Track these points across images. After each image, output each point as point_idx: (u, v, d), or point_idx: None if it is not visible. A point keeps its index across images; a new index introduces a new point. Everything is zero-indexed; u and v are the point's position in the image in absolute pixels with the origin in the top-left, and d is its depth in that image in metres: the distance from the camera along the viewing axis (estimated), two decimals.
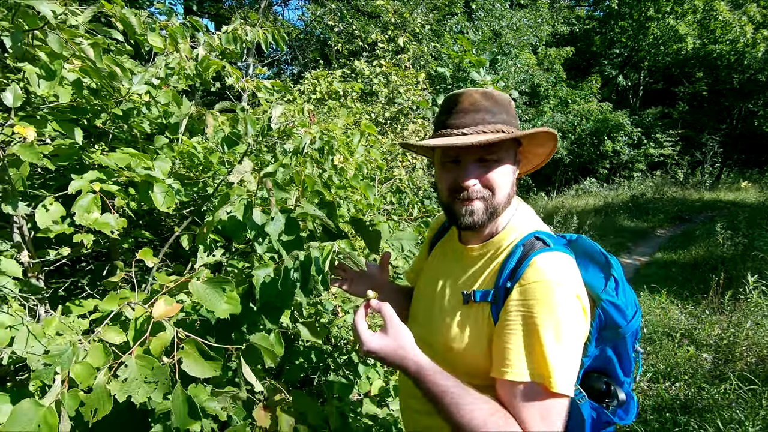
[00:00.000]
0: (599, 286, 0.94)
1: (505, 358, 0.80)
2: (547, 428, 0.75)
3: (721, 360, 3.53)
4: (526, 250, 0.87)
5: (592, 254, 1.01)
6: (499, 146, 0.90)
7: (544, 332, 0.77)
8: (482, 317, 0.87)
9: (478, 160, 0.90)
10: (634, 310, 0.94)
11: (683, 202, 11.81)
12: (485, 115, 0.88)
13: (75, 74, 1.10)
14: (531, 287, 0.80)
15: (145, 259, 1.06)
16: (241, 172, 0.99)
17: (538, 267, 0.82)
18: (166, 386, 0.78)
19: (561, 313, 0.78)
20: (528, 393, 0.77)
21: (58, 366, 0.86)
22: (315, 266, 0.92)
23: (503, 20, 11.07)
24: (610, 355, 0.96)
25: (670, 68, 17.86)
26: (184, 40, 1.48)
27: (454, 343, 0.91)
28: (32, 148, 0.92)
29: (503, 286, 0.85)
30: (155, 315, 0.82)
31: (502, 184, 0.91)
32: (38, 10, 0.79)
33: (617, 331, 0.92)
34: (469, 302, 0.90)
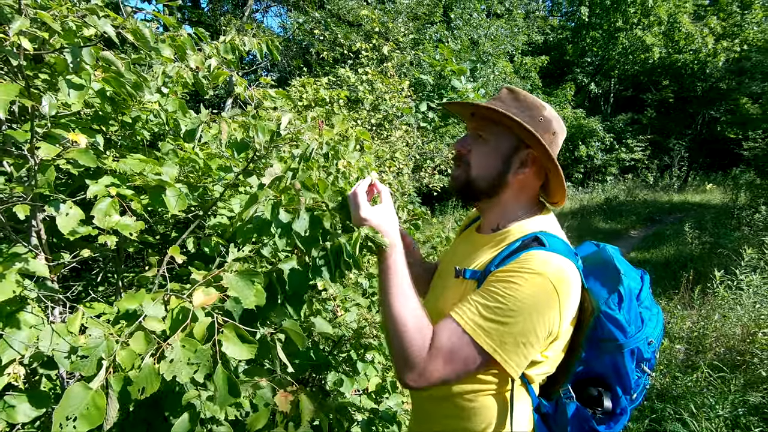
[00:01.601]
0: (602, 297, 0.97)
1: (461, 303, 0.91)
2: (446, 352, 0.85)
3: (692, 351, 3.76)
4: (522, 246, 0.93)
5: (607, 265, 1.05)
6: (489, 126, 0.99)
7: (498, 304, 0.85)
8: (468, 292, 0.95)
9: (475, 134, 1.02)
10: (638, 328, 0.96)
11: (654, 204, 12.34)
12: (499, 102, 0.99)
13: (99, 84, 1.17)
14: (510, 269, 0.88)
15: (175, 256, 1.13)
16: (273, 174, 1.08)
17: (525, 259, 0.88)
18: (208, 367, 0.85)
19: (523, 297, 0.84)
20: (455, 329, 0.87)
21: (100, 354, 0.93)
22: (345, 251, 1.00)
23: (481, 29, 11.41)
24: (608, 368, 0.99)
25: (639, 76, 18.69)
26: (194, 51, 1.55)
27: (442, 308, 0.99)
28: (87, 152, 0.98)
29: (489, 269, 0.93)
30: (196, 303, 0.89)
31: (478, 162, 1.00)
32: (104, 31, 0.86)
33: (614, 345, 0.95)
34: (459, 277, 0.99)
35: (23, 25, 0.76)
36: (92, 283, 1.84)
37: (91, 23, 0.87)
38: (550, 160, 0.97)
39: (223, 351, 0.86)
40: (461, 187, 1.04)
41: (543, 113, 0.99)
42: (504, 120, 0.96)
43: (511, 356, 0.86)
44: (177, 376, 0.84)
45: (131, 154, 1.61)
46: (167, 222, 2.20)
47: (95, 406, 0.86)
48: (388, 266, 0.93)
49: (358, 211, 0.96)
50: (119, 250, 1.78)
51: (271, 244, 1.63)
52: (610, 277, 1.02)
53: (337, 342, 2.04)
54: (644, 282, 1.07)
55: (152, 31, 1.49)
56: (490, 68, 10.10)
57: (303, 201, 1.00)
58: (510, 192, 1.03)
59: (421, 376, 0.85)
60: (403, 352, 0.87)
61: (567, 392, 0.99)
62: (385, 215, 0.98)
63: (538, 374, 0.99)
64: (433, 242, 3.27)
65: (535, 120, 0.97)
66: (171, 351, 0.83)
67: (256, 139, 1.44)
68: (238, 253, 1.17)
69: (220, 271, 0.96)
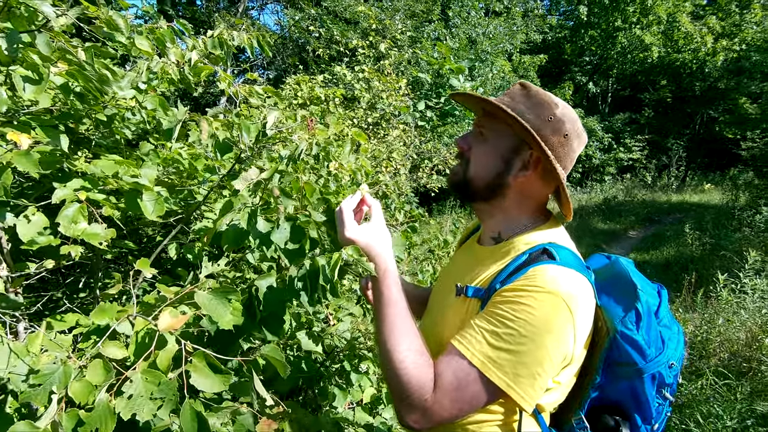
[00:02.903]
0: (617, 316, 0.88)
1: (464, 330, 0.81)
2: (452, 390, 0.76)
3: (696, 356, 3.67)
4: (529, 260, 0.85)
5: (622, 280, 0.96)
6: (492, 123, 0.92)
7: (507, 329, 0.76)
8: (472, 312, 0.87)
9: (477, 131, 0.95)
10: (659, 351, 0.86)
11: (652, 204, 12.27)
12: (507, 98, 0.91)
13: (62, 78, 1.05)
14: (518, 287, 0.79)
15: (143, 270, 1.01)
16: (248, 180, 0.96)
17: (533, 275, 0.80)
18: (174, 402, 0.75)
19: (535, 320, 0.75)
20: (462, 364, 0.77)
21: (52, 385, 0.82)
22: (322, 275, 0.90)
23: (479, 28, 11.30)
24: (625, 394, 0.89)
25: (637, 76, 18.63)
26: (174, 44, 1.44)
27: (442, 329, 0.91)
28: (28, 155, 0.87)
29: (494, 286, 0.84)
30: (161, 327, 0.78)
31: (477, 160, 0.93)
32: (40, 11, 0.74)
33: (633, 369, 0.86)
34: (461, 295, 0.90)
35: None
36: (71, 291, 1.73)
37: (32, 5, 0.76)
38: (549, 163, 0.87)
39: (191, 383, 0.75)
40: (458, 184, 0.97)
41: (554, 112, 0.88)
42: (507, 118, 0.88)
43: (526, 390, 0.76)
44: (137, 413, 0.73)
45: (106, 154, 1.49)
46: (155, 225, 2.09)
47: None
48: (381, 294, 0.83)
49: (344, 230, 0.85)
50: (97, 257, 1.66)
51: (258, 251, 1.52)
52: (626, 292, 0.93)
53: (329, 353, 1.93)
54: (662, 297, 0.97)
55: (127, 22, 1.37)
56: (488, 67, 9.99)
57: (282, 209, 0.89)
58: (511, 197, 0.94)
59: (424, 417, 0.76)
60: (402, 393, 0.77)
61: (580, 422, 0.90)
62: (374, 235, 0.87)
63: (549, 402, 0.88)
64: (430, 245, 3.16)
65: (541, 119, 0.88)
66: (130, 385, 0.72)
67: (240, 138, 1.33)
68: (212, 267, 1.05)
69: (192, 289, 0.85)
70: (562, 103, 0.91)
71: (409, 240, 3.07)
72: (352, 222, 0.86)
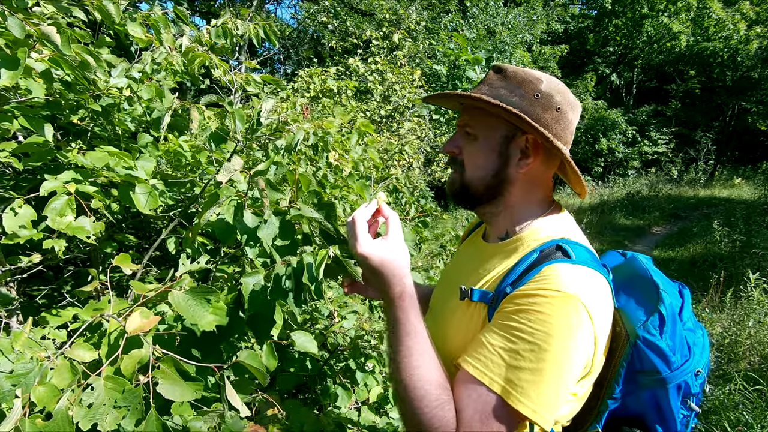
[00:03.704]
0: (638, 319, 0.80)
1: (476, 351, 0.72)
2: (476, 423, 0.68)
3: (723, 359, 3.48)
4: (541, 258, 0.76)
5: (641, 280, 0.88)
6: (476, 117, 0.83)
7: (526, 344, 0.68)
8: (478, 318, 0.79)
9: (463, 132, 0.86)
10: (686, 358, 0.79)
11: (678, 199, 11.82)
12: (485, 87, 0.83)
13: (44, 64, 1.01)
14: (531, 294, 0.71)
15: (122, 266, 0.96)
16: (231, 171, 0.89)
17: (547, 277, 0.72)
18: (139, 411, 0.69)
19: (558, 330, 0.68)
20: (481, 392, 0.69)
21: (19, 388, 0.77)
22: (308, 273, 0.83)
23: (498, 18, 11.02)
24: (647, 406, 0.82)
25: (664, 66, 17.92)
26: (167, 30, 1.38)
27: (445, 336, 0.84)
28: None
29: (503, 290, 0.76)
30: (129, 329, 0.72)
31: (471, 162, 0.84)
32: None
33: (656, 379, 0.78)
34: (465, 299, 0.82)
35: None
36: (73, 286, 1.70)
37: None
38: (549, 143, 0.78)
39: (158, 391, 0.69)
40: (457, 192, 0.87)
41: (539, 87, 0.80)
42: (490, 108, 0.79)
43: (549, 410, 0.68)
44: (99, 423, 0.67)
45: (101, 146, 1.45)
46: (162, 219, 2.06)
47: None
48: (397, 321, 0.74)
49: (356, 243, 0.75)
50: (95, 251, 1.64)
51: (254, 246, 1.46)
52: (647, 294, 0.84)
53: (332, 351, 1.87)
54: (684, 298, 0.89)
55: (119, 8, 1.32)
56: (507, 58, 9.74)
57: (267, 203, 0.82)
58: (518, 190, 0.85)
59: None
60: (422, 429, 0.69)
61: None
62: (390, 252, 0.76)
63: (563, 415, 0.79)
64: (442, 240, 3.07)
65: (528, 98, 0.80)
66: (90, 393, 0.66)
67: (233, 128, 1.27)
68: (191, 265, 1.00)
69: (167, 288, 0.79)
70: (546, 75, 0.82)
71: (420, 235, 2.98)
72: (365, 235, 0.76)
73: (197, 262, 1.08)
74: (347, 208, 2.04)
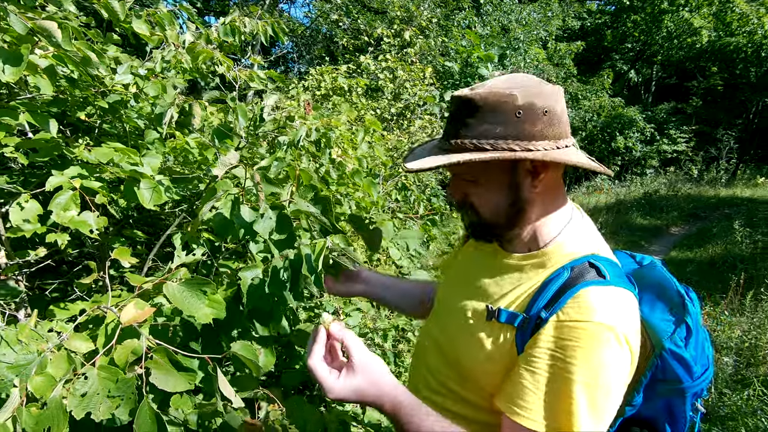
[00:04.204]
0: (665, 331, 0.79)
1: (521, 398, 0.68)
2: None
3: (742, 363, 3.37)
4: (574, 277, 0.72)
5: (665, 289, 0.86)
6: (471, 165, 0.75)
7: (578, 387, 0.65)
8: (504, 341, 0.76)
9: (462, 179, 0.81)
10: (705, 367, 0.80)
11: (698, 198, 11.52)
12: (462, 128, 0.75)
13: (48, 61, 1.02)
14: (572, 327, 0.67)
15: (120, 259, 0.97)
16: (226, 164, 0.90)
17: (586, 304, 0.68)
18: (133, 401, 0.69)
19: (602, 364, 0.65)
20: None
21: (18, 378, 0.78)
22: (307, 265, 0.82)
23: (512, 15, 10.88)
24: (660, 410, 0.83)
25: (684, 62, 17.46)
26: (172, 27, 1.39)
27: (466, 358, 0.80)
28: None
29: (536, 314, 0.72)
30: (123, 320, 0.73)
31: (483, 205, 0.80)
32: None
33: (677, 388, 0.78)
34: (492, 320, 0.78)
35: None
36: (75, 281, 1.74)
37: None
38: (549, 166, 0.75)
39: (151, 381, 0.70)
40: (478, 231, 0.84)
41: (516, 104, 0.72)
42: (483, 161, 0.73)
43: None
44: (92, 412, 0.68)
45: (108, 143, 1.47)
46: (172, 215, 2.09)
47: None
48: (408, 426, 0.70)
49: (326, 392, 0.71)
50: (103, 246, 1.67)
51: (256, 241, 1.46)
52: (672, 304, 0.83)
53: None
54: (694, 302, 0.86)
55: (124, 6, 1.34)
56: (521, 55, 9.61)
57: (262, 196, 0.82)
58: (536, 209, 0.80)
59: None
60: None
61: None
62: (360, 380, 0.71)
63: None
64: (451, 239, 3.04)
65: (510, 123, 0.72)
66: (84, 383, 0.67)
67: (236, 124, 1.27)
68: (186, 258, 1.00)
69: (162, 280, 0.80)
70: (516, 81, 0.75)
71: (428, 233, 2.96)
72: (330, 380, 0.71)
73: (193, 255, 1.08)
74: (353, 206, 2.03)
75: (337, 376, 0.72)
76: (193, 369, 0.73)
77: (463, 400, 0.82)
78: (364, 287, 0.98)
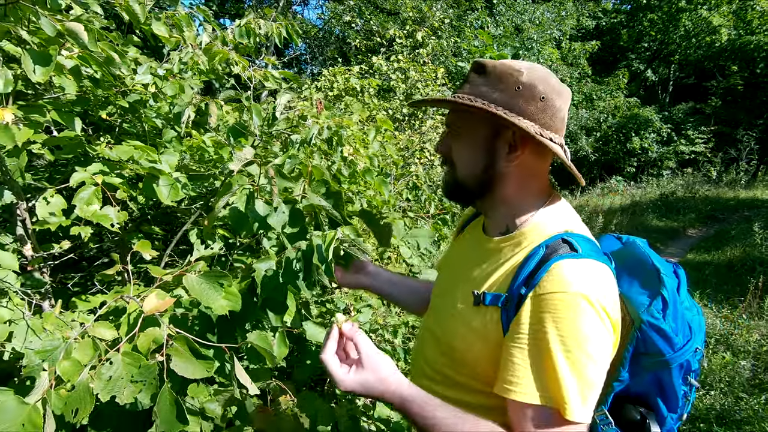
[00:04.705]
0: (642, 304, 0.82)
1: (513, 375, 0.71)
2: None
3: (760, 367, 3.31)
4: (548, 253, 0.76)
5: (642, 265, 0.89)
6: (461, 117, 0.85)
7: (558, 352, 0.68)
8: (491, 322, 0.79)
9: (451, 131, 0.88)
10: (687, 338, 0.81)
11: (717, 200, 11.28)
12: (467, 85, 0.84)
13: (73, 61, 1.07)
14: (547, 298, 0.71)
15: (142, 252, 1.01)
16: (242, 160, 0.93)
17: (559, 275, 0.71)
18: (154, 386, 0.72)
19: (580, 331, 0.68)
20: (539, 417, 0.69)
21: (46, 362, 0.82)
22: (318, 255, 0.85)
23: (525, 15, 10.81)
24: (650, 385, 0.84)
25: (703, 62, 17.12)
26: (190, 28, 1.44)
27: (459, 343, 0.83)
28: (7, 129, 0.87)
29: (517, 291, 0.76)
30: (146, 309, 0.76)
31: (460, 160, 0.86)
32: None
33: (660, 360, 0.80)
34: (479, 304, 0.81)
35: None
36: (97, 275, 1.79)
37: None
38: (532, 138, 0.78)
39: (171, 368, 0.73)
40: (452, 190, 0.89)
41: (519, 79, 0.79)
42: (469, 108, 0.80)
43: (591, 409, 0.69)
44: (117, 396, 0.71)
45: (129, 141, 1.52)
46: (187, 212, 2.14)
47: (31, 424, 0.75)
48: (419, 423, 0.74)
49: (337, 383, 0.77)
50: (123, 240, 1.72)
51: (268, 236, 1.50)
52: (648, 278, 0.86)
53: None
54: (680, 278, 0.89)
55: (144, 9, 1.38)
56: (534, 55, 9.55)
57: (276, 191, 0.84)
58: (511, 184, 0.85)
59: None
60: None
61: (604, 418, 0.83)
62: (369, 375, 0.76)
63: None
64: None
65: (509, 93, 0.79)
66: (109, 367, 0.70)
67: (251, 123, 1.31)
68: (205, 251, 1.03)
69: (181, 272, 0.83)
70: (526, 65, 0.81)
71: (439, 232, 2.97)
72: (341, 373, 0.77)
73: (211, 249, 1.12)
74: (364, 203, 2.05)
75: (348, 370, 0.77)
76: (211, 357, 0.76)
77: (457, 384, 0.85)
78: (371, 281, 1.04)
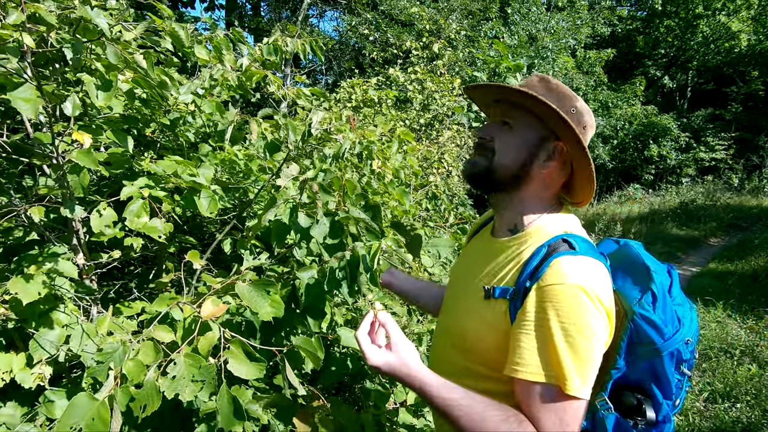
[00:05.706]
0: (634, 298, 0.90)
1: (520, 357, 0.80)
2: (562, 430, 0.76)
3: None
4: (550, 251, 0.85)
5: (635, 264, 0.98)
6: (516, 113, 0.91)
7: (559, 336, 0.77)
8: (500, 313, 0.87)
9: (500, 122, 0.94)
10: (676, 328, 0.89)
11: (739, 208, 11.04)
12: (529, 89, 0.91)
13: (128, 85, 1.16)
14: (549, 289, 0.79)
15: (192, 261, 1.08)
16: (289, 176, 1.00)
17: (559, 270, 0.80)
18: (213, 386, 0.79)
19: (578, 317, 0.77)
20: (543, 394, 0.77)
21: (111, 363, 0.89)
22: (363, 264, 0.91)
23: (540, 24, 10.84)
24: (645, 373, 0.91)
25: (722, 67, 16.86)
26: (229, 51, 1.53)
27: (471, 334, 0.91)
28: (89, 153, 0.96)
29: (522, 284, 0.84)
30: (203, 315, 0.83)
31: (503, 150, 0.92)
32: (96, 23, 0.83)
33: (652, 349, 0.88)
34: (489, 297, 0.90)
35: (18, 19, 0.74)
36: (141, 281, 1.89)
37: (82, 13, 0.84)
38: (583, 154, 0.88)
39: (228, 369, 0.79)
40: (481, 173, 0.95)
41: (575, 104, 0.91)
42: (536, 107, 0.88)
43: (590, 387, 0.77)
44: (180, 393, 0.78)
45: (169, 156, 1.62)
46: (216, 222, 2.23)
47: (100, 419, 0.82)
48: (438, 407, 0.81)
49: (366, 359, 0.85)
50: (161, 250, 1.81)
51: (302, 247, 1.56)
52: (640, 275, 0.95)
53: None
54: (673, 277, 0.98)
55: (188, 33, 1.48)
56: (549, 64, 9.56)
57: (320, 204, 0.91)
58: (533, 187, 0.94)
59: None
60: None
61: (604, 403, 0.90)
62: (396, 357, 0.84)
63: None
64: None
65: (567, 111, 0.89)
66: (173, 367, 0.77)
67: (287, 139, 1.38)
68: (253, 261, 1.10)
69: (233, 280, 0.90)
70: (578, 96, 0.93)
71: (459, 241, 3.01)
72: (371, 349, 0.84)
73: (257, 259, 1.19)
74: (387, 213, 2.12)
75: (377, 349, 0.85)
76: (263, 359, 0.82)
77: (470, 372, 0.92)
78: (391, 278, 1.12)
